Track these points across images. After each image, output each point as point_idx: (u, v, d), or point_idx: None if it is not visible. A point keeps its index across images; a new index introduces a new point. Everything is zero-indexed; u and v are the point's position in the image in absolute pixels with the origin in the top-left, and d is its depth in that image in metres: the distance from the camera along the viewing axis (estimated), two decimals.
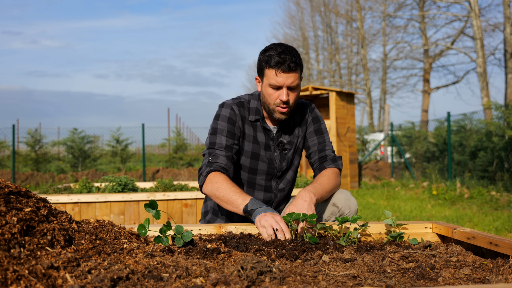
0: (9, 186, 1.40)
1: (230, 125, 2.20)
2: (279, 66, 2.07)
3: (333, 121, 9.56)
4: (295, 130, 2.33)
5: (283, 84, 2.10)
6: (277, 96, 2.13)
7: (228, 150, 2.17)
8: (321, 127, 2.35)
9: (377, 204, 7.36)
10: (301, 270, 1.32)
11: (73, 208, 3.56)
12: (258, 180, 2.32)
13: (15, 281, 1.03)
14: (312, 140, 2.33)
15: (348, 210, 2.14)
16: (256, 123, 2.28)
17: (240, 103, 2.27)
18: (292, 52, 2.11)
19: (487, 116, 10.44)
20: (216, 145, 2.18)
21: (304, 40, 30.74)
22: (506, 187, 8.21)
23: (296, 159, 2.37)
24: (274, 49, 2.11)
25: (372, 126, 23.54)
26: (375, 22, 29.18)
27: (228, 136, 2.19)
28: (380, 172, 12.58)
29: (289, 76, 2.09)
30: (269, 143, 2.29)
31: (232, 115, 2.22)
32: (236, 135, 2.21)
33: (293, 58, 2.09)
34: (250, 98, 2.32)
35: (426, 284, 1.27)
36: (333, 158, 2.28)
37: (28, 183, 11.91)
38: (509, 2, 15.15)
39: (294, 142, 2.33)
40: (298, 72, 2.12)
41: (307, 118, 2.35)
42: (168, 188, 4.22)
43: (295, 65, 2.08)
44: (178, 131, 15.26)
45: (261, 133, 2.29)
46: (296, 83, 2.12)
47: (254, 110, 2.28)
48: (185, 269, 1.24)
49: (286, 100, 2.11)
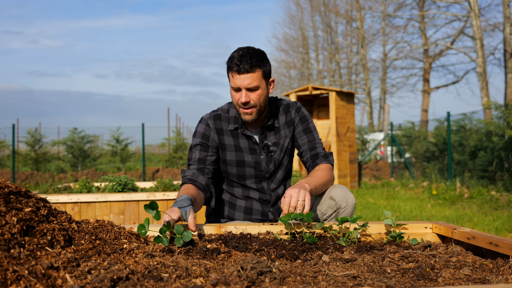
0: (9, 186, 1.40)
1: (203, 140, 2.32)
2: (235, 69, 2.13)
3: (333, 121, 9.56)
4: (281, 131, 2.37)
5: (241, 85, 2.15)
6: (238, 97, 2.19)
7: (200, 163, 2.28)
8: (309, 125, 2.39)
9: (377, 204, 7.36)
10: (301, 270, 1.32)
11: (73, 208, 3.56)
12: (249, 184, 2.38)
13: (15, 281, 1.03)
14: (302, 139, 2.37)
15: (345, 203, 2.17)
16: (236, 131, 2.34)
17: (216, 115, 2.36)
18: (251, 54, 2.15)
19: (487, 116, 10.44)
20: (191, 161, 2.31)
21: (304, 39, 30.74)
22: (506, 187, 8.21)
23: (285, 159, 2.40)
24: (237, 52, 2.18)
25: (372, 126, 23.55)
26: (375, 22, 29.21)
27: (201, 150, 2.30)
28: (380, 172, 12.58)
29: (245, 78, 2.13)
30: (254, 147, 2.35)
31: (207, 130, 2.33)
32: (211, 147, 2.32)
33: (250, 60, 2.13)
34: (230, 107, 2.39)
35: (426, 284, 1.27)
36: (324, 155, 2.33)
37: (28, 182, 11.91)
38: (508, 2, 15.15)
39: (280, 143, 2.37)
40: (256, 72, 2.15)
41: (294, 119, 2.39)
42: (168, 188, 4.21)
43: (250, 67, 2.12)
44: (178, 131, 15.26)
45: (243, 139, 2.34)
46: (254, 84, 2.15)
47: (233, 119, 2.34)
48: (185, 269, 1.24)
49: (244, 101, 2.16)
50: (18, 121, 19.93)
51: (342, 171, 9.72)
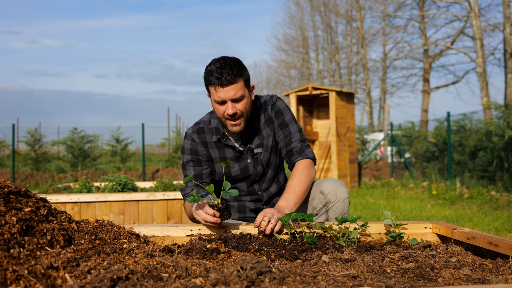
0: (8, 185, 1.40)
1: (193, 156, 2.33)
2: (217, 82, 2.09)
3: (333, 120, 9.56)
4: (263, 131, 2.34)
5: (226, 98, 2.12)
6: (224, 110, 2.16)
7: (197, 179, 2.32)
8: (284, 119, 2.32)
9: (377, 204, 7.36)
10: (301, 270, 1.32)
11: (73, 208, 3.56)
12: (240, 188, 2.38)
13: (15, 281, 1.03)
14: (278, 136, 2.33)
15: (334, 198, 2.14)
16: (220, 142, 2.33)
17: (199, 129, 2.36)
18: (230, 64, 2.11)
19: (486, 116, 10.44)
20: (187, 178, 2.31)
21: (304, 40, 30.73)
22: (506, 187, 8.21)
23: (272, 158, 2.37)
24: (214, 64, 2.14)
25: (372, 126, 23.54)
26: (375, 22, 29.20)
27: (194, 166, 2.33)
28: (380, 172, 12.58)
29: (229, 90, 2.10)
30: (238, 154, 2.33)
31: (193, 145, 2.34)
32: (203, 161, 2.34)
33: (230, 70, 2.09)
34: (211, 117, 2.38)
35: (426, 284, 1.27)
36: (299, 150, 2.26)
37: (28, 182, 11.90)
38: (508, 2, 15.15)
39: (264, 143, 2.33)
40: (238, 82, 2.12)
41: (271, 115, 2.34)
42: (168, 188, 4.21)
43: (232, 78, 2.09)
44: (178, 131, 15.27)
45: (228, 149, 2.33)
46: (239, 94, 2.12)
47: (214, 130, 2.33)
48: (184, 269, 1.24)
49: (232, 113, 2.14)
50: (18, 121, 19.94)
51: (342, 171, 9.72)
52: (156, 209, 3.69)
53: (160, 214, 3.69)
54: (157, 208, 3.70)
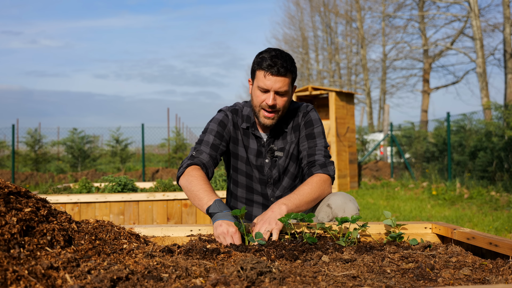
0: (8, 186, 1.40)
1: (220, 127, 2.25)
2: (268, 69, 2.06)
3: (333, 121, 9.56)
4: (288, 136, 2.28)
5: (271, 87, 2.08)
6: (264, 99, 2.12)
7: (213, 149, 2.20)
8: (313, 131, 2.25)
9: (377, 204, 7.36)
10: (301, 271, 1.32)
11: (73, 208, 3.56)
12: (255, 186, 2.33)
13: (15, 282, 1.03)
14: (302, 145, 2.25)
15: (342, 213, 2.03)
16: (247, 131, 2.29)
17: (234, 110, 2.32)
18: (285, 57, 2.09)
19: (486, 116, 10.44)
20: (203, 142, 2.22)
21: (304, 40, 30.74)
22: (505, 187, 8.21)
23: (291, 165, 2.31)
24: (268, 52, 2.11)
25: (371, 126, 23.54)
26: (375, 22, 29.23)
27: (216, 136, 2.23)
28: (380, 172, 12.58)
29: (277, 80, 2.07)
30: (261, 149, 2.29)
31: (225, 119, 2.27)
32: (225, 138, 2.25)
33: (285, 63, 2.07)
34: (244, 105, 2.35)
35: (426, 284, 1.27)
36: (322, 164, 2.15)
37: (28, 183, 11.90)
38: (508, 3, 15.16)
39: (286, 148, 2.28)
40: (288, 77, 2.10)
41: (300, 123, 2.29)
42: (168, 188, 4.22)
43: (285, 70, 2.06)
44: (178, 131, 15.26)
45: (253, 140, 2.29)
46: (284, 89, 2.09)
47: (245, 118, 2.29)
48: (184, 269, 1.24)
49: (271, 104, 2.09)
50: (17, 121, 19.97)
51: (342, 172, 9.72)
52: (156, 209, 3.69)
53: (160, 214, 3.69)
54: (157, 209, 3.70)
